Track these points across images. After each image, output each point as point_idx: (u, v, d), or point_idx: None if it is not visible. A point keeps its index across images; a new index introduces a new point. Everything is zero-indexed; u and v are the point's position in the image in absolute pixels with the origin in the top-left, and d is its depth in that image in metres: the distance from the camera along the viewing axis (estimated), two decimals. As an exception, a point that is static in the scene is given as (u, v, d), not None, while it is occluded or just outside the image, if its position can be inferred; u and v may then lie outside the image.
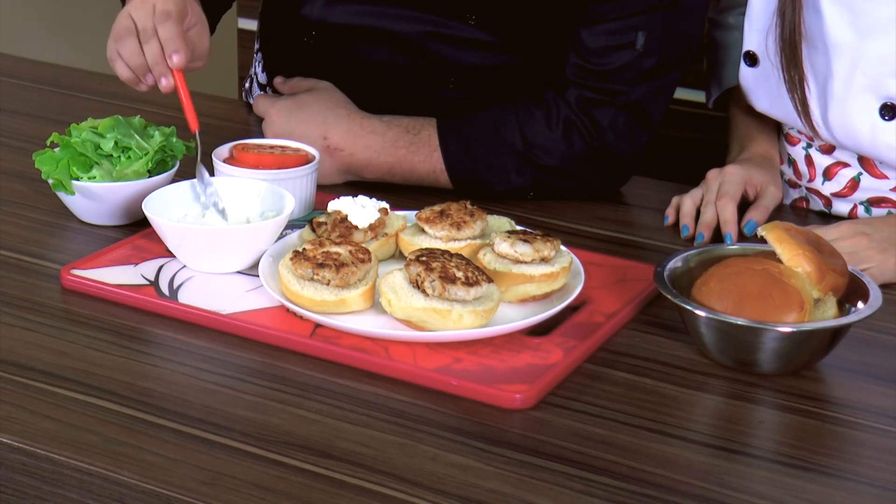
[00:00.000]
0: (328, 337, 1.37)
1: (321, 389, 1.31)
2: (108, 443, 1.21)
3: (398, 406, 1.28)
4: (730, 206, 1.67)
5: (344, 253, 1.42)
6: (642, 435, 1.25)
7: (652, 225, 1.73)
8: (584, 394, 1.32)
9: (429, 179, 1.77)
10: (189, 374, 1.33)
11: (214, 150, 1.66)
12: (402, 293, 1.37)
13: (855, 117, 1.66)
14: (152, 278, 1.49)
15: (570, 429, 1.26)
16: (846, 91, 1.65)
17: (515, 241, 1.45)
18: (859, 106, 1.65)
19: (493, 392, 1.29)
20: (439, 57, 1.81)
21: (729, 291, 1.34)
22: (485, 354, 1.36)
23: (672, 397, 1.31)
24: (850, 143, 1.69)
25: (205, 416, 1.25)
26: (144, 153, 1.63)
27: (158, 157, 1.65)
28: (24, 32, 3.38)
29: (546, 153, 1.74)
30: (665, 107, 1.78)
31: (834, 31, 1.65)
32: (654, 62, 1.71)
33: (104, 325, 1.42)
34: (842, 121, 1.67)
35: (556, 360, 1.35)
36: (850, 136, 1.68)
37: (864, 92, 1.65)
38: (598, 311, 1.45)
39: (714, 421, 1.30)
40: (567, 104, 1.73)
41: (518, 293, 1.44)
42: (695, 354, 1.39)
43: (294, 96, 1.81)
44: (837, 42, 1.65)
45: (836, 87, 1.66)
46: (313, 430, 1.24)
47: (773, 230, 1.38)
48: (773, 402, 1.31)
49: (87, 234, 1.62)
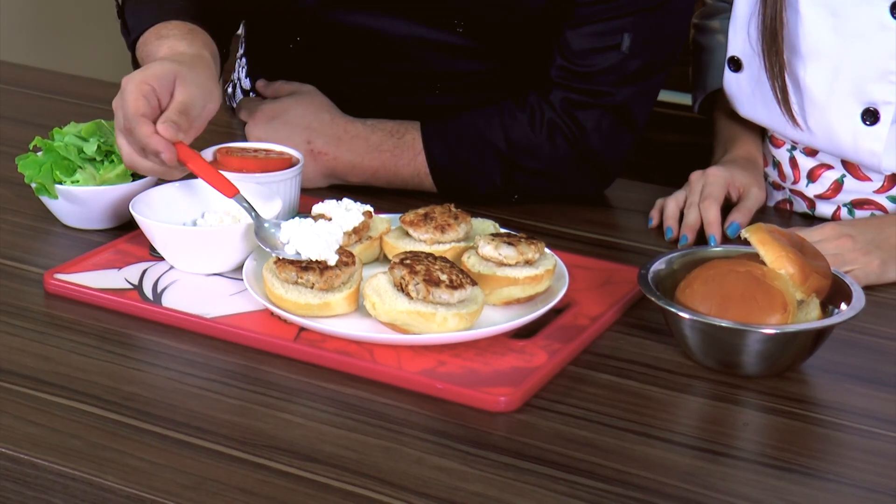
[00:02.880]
0: (312, 340, 1.38)
1: (305, 393, 1.31)
2: (91, 447, 1.21)
3: (383, 409, 1.29)
4: (713, 208, 1.67)
5: (328, 256, 1.43)
6: (627, 437, 1.26)
7: (636, 227, 1.73)
8: (568, 396, 1.32)
9: (413, 182, 1.77)
10: (173, 378, 1.33)
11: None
12: (386, 296, 1.38)
13: (836, 123, 1.67)
14: (136, 282, 1.49)
15: (555, 431, 1.26)
16: (828, 96, 1.66)
17: (499, 243, 1.45)
18: (841, 111, 1.66)
19: (478, 395, 1.29)
20: (426, 63, 1.81)
21: (713, 293, 1.35)
22: (469, 357, 1.36)
23: (656, 399, 1.32)
24: (833, 147, 1.70)
25: (189, 421, 1.26)
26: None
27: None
28: (5, 36, 3.38)
29: (530, 156, 1.74)
30: (649, 109, 1.78)
31: (815, 36, 1.65)
32: (640, 64, 1.72)
33: (88, 329, 1.42)
34: (823, 126, 1.68)
35: (541, 362, 1.35)
36: (832, 142, 1.68)
37: (846, 97, 1.65)
38: (582, 314, 1.45)
39: (698, 423, 1.30)
40: (551, 106, 1.74)
41: (502, 296, 1.45)
42: (679, 357, 1.39)
43: (277, 100, 1.81)
44: (818, 47, 1.66)
45: (817, 93, 1.67)
46: (298, 433, 1.24)
47: (757, 232, 1.39)
48: (758, 403, 1.32)
49: (70, 238, 1.62)
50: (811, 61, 1.67)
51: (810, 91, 1.67)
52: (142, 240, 1.56)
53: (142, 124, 1.49)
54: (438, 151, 1.75)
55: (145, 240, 1.55)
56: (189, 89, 1.52)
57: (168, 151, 1.49)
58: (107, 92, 1.93)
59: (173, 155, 1.49)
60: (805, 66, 1.67)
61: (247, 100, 1.85)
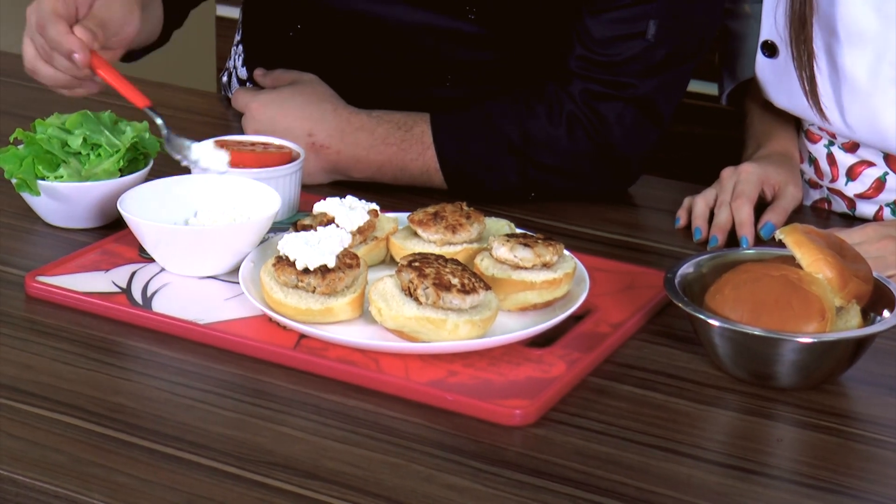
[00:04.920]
0: (314, 348, 1.38)
1: (306, 405, 1.31)
2: (76, 463, 1.22)
3: (389, 423, 1.29)
4: (745, 208, 1.67)
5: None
6: (651, 454, 1.26)
7: (662, 228, 1.73)
8: (588, 409, 1.32)
9: (422, 179, 1.77)
10: (164, 388, 1.33)
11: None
12: (393, 301, 1.38)
13: (880, 112, 1.66)
14: (124, 285, 1.49)
15: (574, 447, 1.26)
16: (871, 84, 1.66)
17: (515, 245, 1.46)
18: (885, 99, 1.66)
19: (491, 408, 1.29)
20: (435, 53, 1.81)
21: (744, 299, 1.35)
22: (482, 367, 1.36)
23: (683, 413, 1.32)
24: (876, 139, 1.69)
25: (180, 434, 1.26)
26: (115, 150, 1.63)
27: (131, 156, 1.65)
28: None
29: (548, 151, 1.74)
30: (676, 102, 1.78)
31: (856, 19, 1.65)
32: (666, 53, 1.72)
33: (72, 335, 1.42)
34: (865, 116, 1.67)
35: (559, 373, 1.35)
36: (875, 132, 1.68)
37: (891, 84, 1.65)
38: (603, 321, 1.45)
39: (728, 438, 1.30)
40: (571, 98, 1.74)
41: (518, 301, 1.45)
42: (708, 367, 1.39)
43: (276, 90, 1.81)
44: (860, 30, 1.65)
45: (859, 80, 1.67)
46: (297, 448, 1.24)
47: (793, 233, 1.39)
48: (792, 417, 1.32)
49: (53, 237, 1.63)
50: (852, 46, 1.66)
51: (852, 78, 1.67)
52: (130, 240, 1.56)
53: (57, 23, 1.55)
54: (449, 145, 1.75)
55: (134, 240, 1.55)
56: (109, 5, 1.60)
57: (82, 52, 1.55)
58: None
59: (87, 57, 1.56)
60: (845, 51, 1.67)
61: (243, 89, 1.85)
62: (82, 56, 1.55)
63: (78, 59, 1.55)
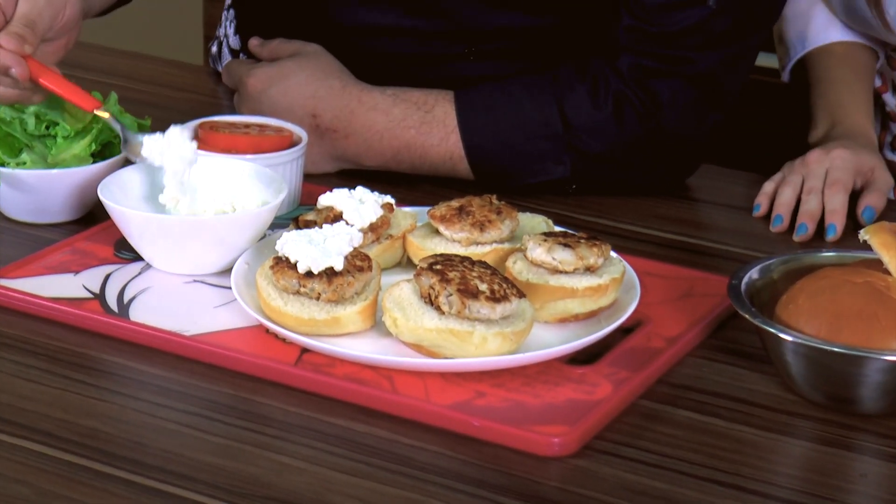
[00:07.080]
0: (318, 365, 1.38)
1: (308, 430, 1.32)
2: (42, 496, 1.22)
3: (405, 452, 1.29)
4: (840, 195, 1.69)
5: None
6: (712, 490, 1.26)
7: (725, 226, 1.73)
8: (638, 438, 1.32)
9: (444, 168, 1.78)
10: (143, 410, 1.34)
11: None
12: (410, 310, 1.38)
13: None
14: (97, 290, 1.50)
15: (621, 482, 1.26)
16: None
17: (553, 245, 1.46)
18: None
19: (525, 435, 1.30)
20: (456, 18, 1.81)
21: (823, 310, 1.35)
22: (514, 388, 1.36)
23: (750, 443, 1.32)
24: None
25: (163, 464, 1.26)
26: (82, 130, 1.63)
27: (105, 139, 1.65)
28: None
29: (592, 136, 1.75)
30: (742, 79, 1.78)
31: None
32: (730, 23, 1.72)
33: (36, 348, 1.42)
34: None
35: (604, 395, 1.35)
36: None
37: None
38: (656, 335, 1.46)
39: (802, 473, 1.30)
40: (618, 75, 1.74)
41: (557, 311, 1.45)
42: (779, 389, 1.39)
43: (275, 63, 1.81)
44: None
45: None
46: (299, 480, 1.25)
47: (880, 233, 1.39)
48: (878, 449, 1.32)
49: (14, 234, 1.63)
50: None
51: None
52: (105, 237, 1.57)
53: None
54: (476, 129, 1.75)
55: (108, 237, 1.56)
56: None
57: (19, 66, 1.55)
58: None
59: (25, 70, 1.56)
60: None
61: (236, 62, 1.86)
62: (20, 70, 1.55)
63: (16, 73, 1.55)
